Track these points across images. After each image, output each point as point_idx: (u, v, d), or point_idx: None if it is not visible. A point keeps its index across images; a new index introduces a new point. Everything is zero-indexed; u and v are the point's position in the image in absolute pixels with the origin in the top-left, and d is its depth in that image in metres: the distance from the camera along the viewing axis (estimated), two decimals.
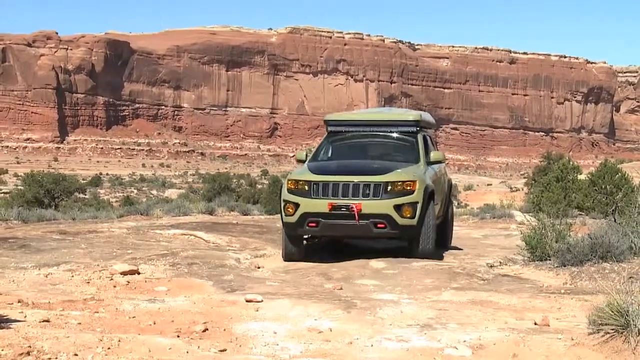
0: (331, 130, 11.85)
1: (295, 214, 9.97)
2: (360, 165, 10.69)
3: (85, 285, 7.83)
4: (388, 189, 9.86)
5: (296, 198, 10.01)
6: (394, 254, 10.19)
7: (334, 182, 9.92)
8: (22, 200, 25.48)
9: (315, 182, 9.99)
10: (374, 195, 9.83)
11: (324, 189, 9.91)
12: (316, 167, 10.68)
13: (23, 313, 6.01)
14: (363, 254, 10.28)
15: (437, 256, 10.33)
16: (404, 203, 9.83)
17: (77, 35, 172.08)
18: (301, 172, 10.57)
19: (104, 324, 5.86)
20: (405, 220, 9.84)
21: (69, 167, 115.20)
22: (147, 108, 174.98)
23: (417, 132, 11.42)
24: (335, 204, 9.77)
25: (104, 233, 13.01)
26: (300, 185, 10.09)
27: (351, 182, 9.88)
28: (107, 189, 75.70)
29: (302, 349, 5.32)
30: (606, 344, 5.16)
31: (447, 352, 5.27)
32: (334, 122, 12.12)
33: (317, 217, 9.87)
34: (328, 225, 9.93)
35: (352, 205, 9.71)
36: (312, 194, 9.93)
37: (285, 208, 10.13)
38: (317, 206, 9.85)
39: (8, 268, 8.79)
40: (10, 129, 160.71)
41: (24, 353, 4.67)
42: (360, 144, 11.86)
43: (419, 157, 11.00)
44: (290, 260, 10.21)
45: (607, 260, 8.70)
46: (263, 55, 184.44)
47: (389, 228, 9.86)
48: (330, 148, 11.64)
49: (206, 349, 5.19)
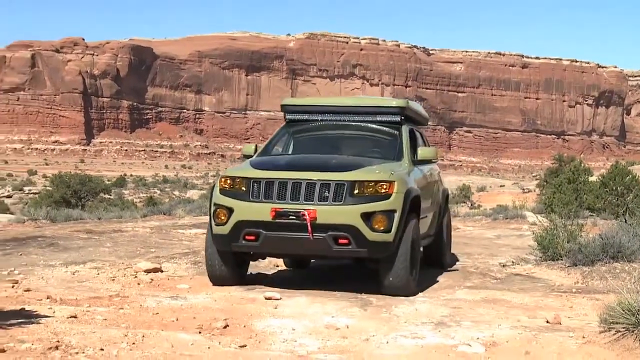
0: (291, 119, 9.00)
1: (227, 223, 7.26)
2: (317, 159, 7.87)
3: (110, 282, 7.87)
4: (355, 192, 7.07)
5: (230, 201, 7.29)
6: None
7: (280, 180, 7.17)
8: (50, 201, 25.66)
9: (255, 179, 7.27)
10: (335, 199, 7.05)
11: (266, 190, 7.17)
12: (260, 161, 7.95)
13: (52, 309, 6.05)
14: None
15: (411, 291, 7.37)
16: (375, 211, 7.02)
17: (103, 42, 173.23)
18: (240, 167, 7.93)
19: (129, 320, 5.89)
20: (376, 234, 7.02)
21: (95, 169, 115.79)
22: (170, 111, 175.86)
23: (401, 123, 8.60)
24: (281, 210, 7.02)
25: (128, 232, 13.07)
26: (236, 184, 7.36)
27: (303, 180, 7.12)
28: (131, 190, 75.96)
29: (319, 345, 5.31)
30: (617, 342, 5.13)
31: (461, 349, 5.25)
32: (294, 107, 9.12)
33: (256, 228, 7.14)
34: (271, 239, 7.13)
35: (303, 212, 6.97)
36: (250, 195, 7.21)
37: (215, 214, 7.40)
38: (257, 212, 7.11)
39: (37, 265, 8.85)
40: (39, 132, 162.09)
41: (53, 347, 4.70)
42: (327, 137, 9.02)
43: (401, 153, 8.24)
44: (221, 285, 7.65)
45: (618, 260, 8.65)
46: (281, 60, 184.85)
47: (354, 245, 7.03)
48: (288, 141, 8.96)
49: (227, 344, 5.20)
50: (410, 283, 7.35)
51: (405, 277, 7.24)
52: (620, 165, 21.13)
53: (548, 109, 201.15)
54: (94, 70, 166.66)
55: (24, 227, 14.37)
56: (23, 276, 8.00)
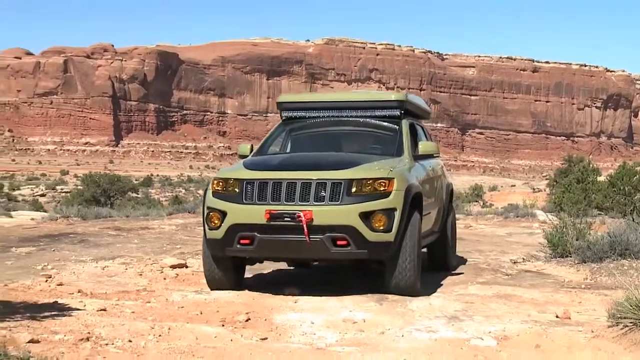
0: (287, 117, 8.39)
1: (221, 227, 6.73)
2: (312, 157, 7.32)
3: (138, 277, 7.91)
4: (352, 190, 6.52)
5: (223, 204, 6.75)
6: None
7: (274, 181, 6.63)
8: (81, 199, 25.84)
9: (248, 180, 6.74)
10: (332, 198, 6.50)
11: (260, 191, 6.63)
12: (253, 161, 7.35)
13: (82, 302, 6.10)
14: None
15: (418, 292, 6.90)
16: (375, 210, 6.49)
17: (131, 48, 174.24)
18: (232, 168, 7.41)
19: (155, 313, 5.92)
20: (376, 234, 6.50)
21: (123, 169, 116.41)
22: (194, 114, 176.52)
23: (401, 117, 8.00)
24: (276, 212, 6.48)
25: (155, 230, 13.14)
26: (229, 186, 6.82)
27: (298, 179, 6.57)
28: (158, 189, 76.28)
29: (337, 338, 5.31)
30: (625, 337, 5.09)
31: (474, 342, 5.23)
32: (290, 104, 8.46)
33: (250, 231, 6.60)
34: (266, 243, 6.60)
35: (298, 213, 6.42)
36: (244, 198, 6.67)
37: (208, 218, 6.87)
38: (251, 215, 6.58)
39: (69, 261, 8.92)
40: (71, 134, 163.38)
41: (84, 339, 4.74)
42: (325, 134, 8.41)
43: (401, 148, 7.63)
44: (218, 289, 7.09)
45: (626, 257, 8.58)
46: (301, 65, 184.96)
47: (353, 246, 6.49)
48: (285, 140, 8.41)
49: (248, 337, 5.21)
50: (417, 283, 6.87)
51: (412, 277, 6.75)
52: (627, 165, 20.91)
53: (558, 111, 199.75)
54: (122, 75, 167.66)
55: (56, 224, 14.49)
56: (56, 271, 8.07)
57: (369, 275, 8.06)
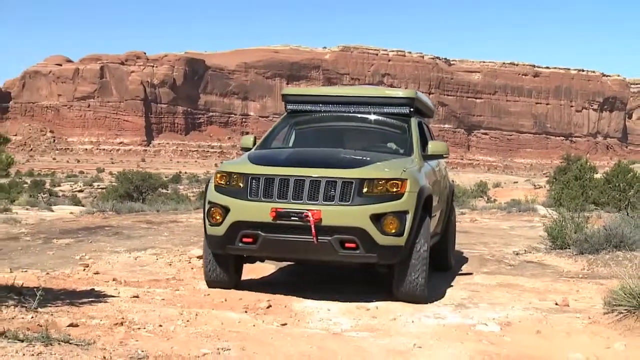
0: (292, 110, 7.54)
1: (223, 224, 5.93)
2: (322, 153, 6.46)
3: (167, 267, 7.93)
4: (364, 191, 5.72)
5: (226, 199, 5.94)
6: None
7: (281, 177, 5.82)
8: (115, 195, 25.94)
9: (254, 175, 5.91)
10: (342, 198, 5.70)
11: (266, 187, 5.83)
12: (259, 155, 6.47)
13: (117, 290, 6.13)
14: None
15: (427, 300, 6.07)
16: (387, 212, 5.70)
17: (161, 55, 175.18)
18: (237, 161, 6.49)
19: (184, 300, 5.93)
20: (387, 238, 5.70)
21: (154, 167, 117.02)
22: (219, 116, 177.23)
23: (410, 115, 7.20)
24: (282, 210, 5.69)
25: (183, 223, 13.18)
26: (233, 180, 6.00)
27: (308, 177, 5.77)
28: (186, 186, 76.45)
29: (352, 324, 5.31)
30: (620, 323, 5.06)
31: (479, 328, 5.21)
32: (296, 97, 7.59)
33: (254, 229, 5.81)
34: (270, 242, 5.81)
35: (306, 212, 5.64)
36: (249, 194, 5.86)
37: (209, 214, 6.05)
38: (256, 212, 5.78)
39: (105, 252, 8.97)
40: (106, 135, 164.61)
41: (118, 323, 4.76)
42: (330, 129, 7.60)
43: (411, 147, 6.85)
44: (216, 287, 6.40)
45: (621, 249, 8.53)
46: (318, 70, 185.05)
47: (362, 250, 5.69)
48: (289, 133, 7.52)
49: (269, 323, 5.21)
50: (426, 291, 6.04)
51: (423, 286, 5.94)
52: (622, 164, 20.73)
53: (557, 113, 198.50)
54: (153, 80, 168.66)
55: (93, 217, 14.58)
56: (93, 260, 8.11)
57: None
